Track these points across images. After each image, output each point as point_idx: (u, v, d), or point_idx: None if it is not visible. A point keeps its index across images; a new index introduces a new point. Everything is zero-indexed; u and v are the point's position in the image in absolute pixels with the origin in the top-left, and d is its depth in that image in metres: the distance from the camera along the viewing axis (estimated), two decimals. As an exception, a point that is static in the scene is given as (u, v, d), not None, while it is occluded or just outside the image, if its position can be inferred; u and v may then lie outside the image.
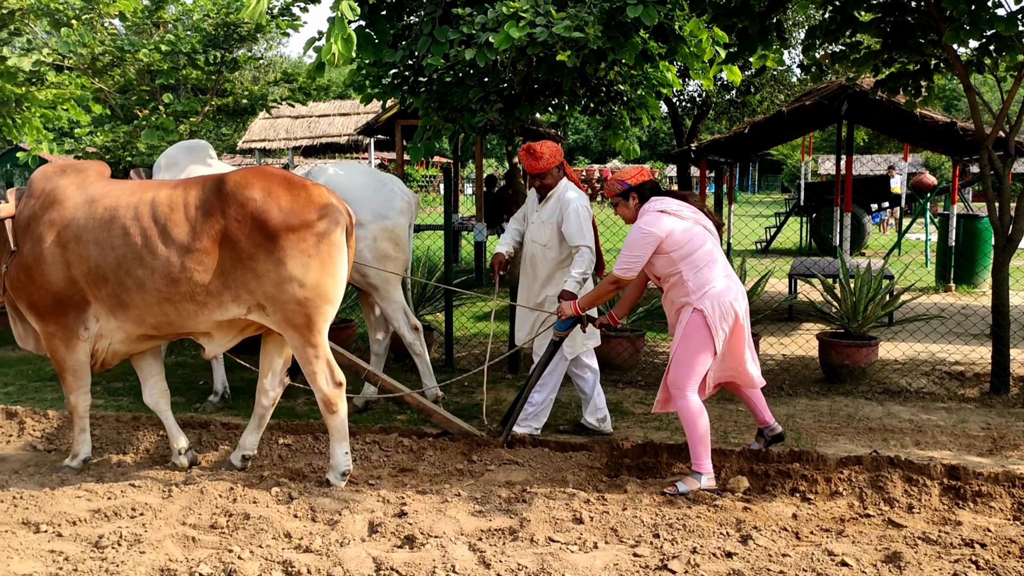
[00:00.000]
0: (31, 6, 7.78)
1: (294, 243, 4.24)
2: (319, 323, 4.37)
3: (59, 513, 3.93)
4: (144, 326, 4.48)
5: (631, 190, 4.52)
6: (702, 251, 4.30)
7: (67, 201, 4.47)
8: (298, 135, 19.04)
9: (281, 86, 9.69)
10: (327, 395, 4.40)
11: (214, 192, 4.33)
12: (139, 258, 4.31)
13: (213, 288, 4.31)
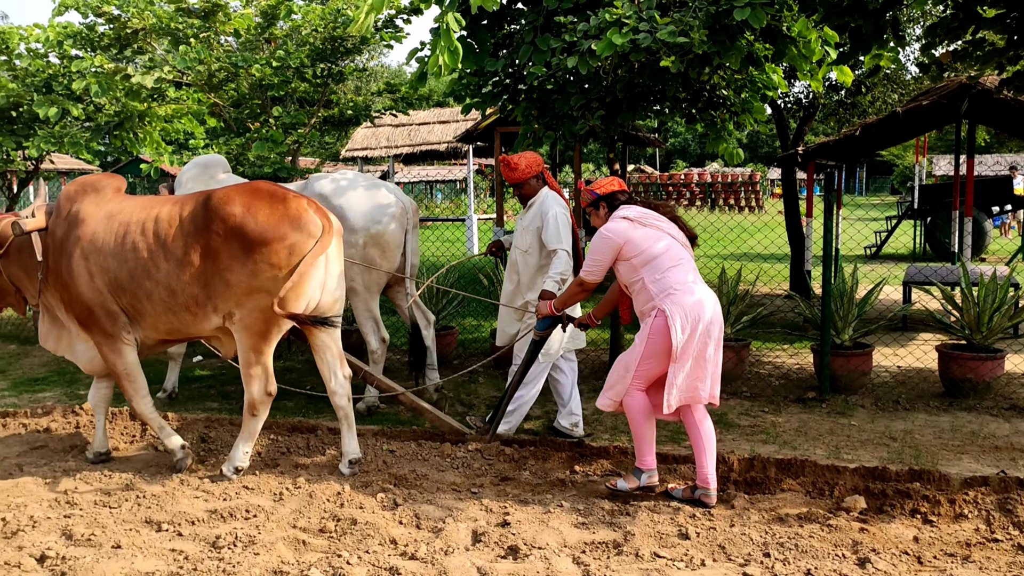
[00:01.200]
0: (153, 26, 8.16)
1: (266, 256, 4.45)
2: (272, 333, 4.59)
3: (179, 513, 4.09)
4: (159, 332, 4.80)
5: (600, 199, 4.61)
6: (663, 258, 4.32)
7: (89, 219, 4.80)
8: (399, 143, 19.42)
9: (384, 96, 9.90)
10: (255, 399, 4.63)
11: (202, 208, 4.59)
12: (147, 271, 4.62)
13: (201, 299, 4.56)
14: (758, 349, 7.78)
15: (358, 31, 5.42)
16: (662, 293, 4.26)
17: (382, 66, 50.05)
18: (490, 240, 8.05)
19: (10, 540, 3.78)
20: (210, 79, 8.49)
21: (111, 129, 9.47)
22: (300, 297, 4.55)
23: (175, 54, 8.17)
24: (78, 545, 3.73)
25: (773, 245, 11.10)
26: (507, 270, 5.60)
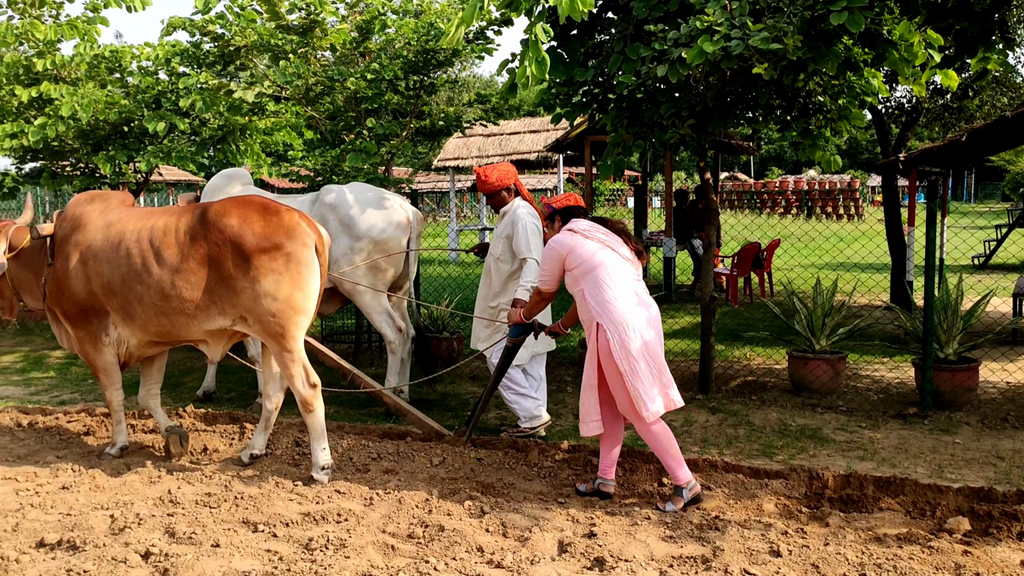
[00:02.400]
0: (254, 43, 8.47)
1: (266, 263, 4.80)
2: (292, 331, 4.90)
3: (274, 514, 4.22)
4: (149, 333, 5.14)
5: (556, 213, 4.82)
6: (601, 269, 4.44)
7: (90, 225, 5.20)
8: (489, 152, 19.60)
9: (475, 107, 10.01)
10: (304, 396, 4.90)
11: (199, 220, 4.95)
12: (138, 276, 4.96)
13: (201, 303, 4.91)
14: (855, 362, 7.54)
15: (449, 44, 5.51)
16: (599, 306, 4.40)
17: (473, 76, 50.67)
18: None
19: (117, 536, 3.96)
20: (307, 93, 8.74)
21: (215, 142, 9.87)
22: (307, 296, 4.91)
23: (275, 69, 8.45)
24: (180, 543, 3.88)
25: (872, 255, 10.73)
26: (482, 276, 5.88)
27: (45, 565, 3.64)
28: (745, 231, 14.20)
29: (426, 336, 6.97)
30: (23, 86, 9.07)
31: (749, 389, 6.76)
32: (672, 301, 11.48)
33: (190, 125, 9.16)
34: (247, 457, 5.17)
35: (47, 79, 9.15)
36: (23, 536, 3.95)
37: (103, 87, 9.48)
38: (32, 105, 9.22)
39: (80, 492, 4.61)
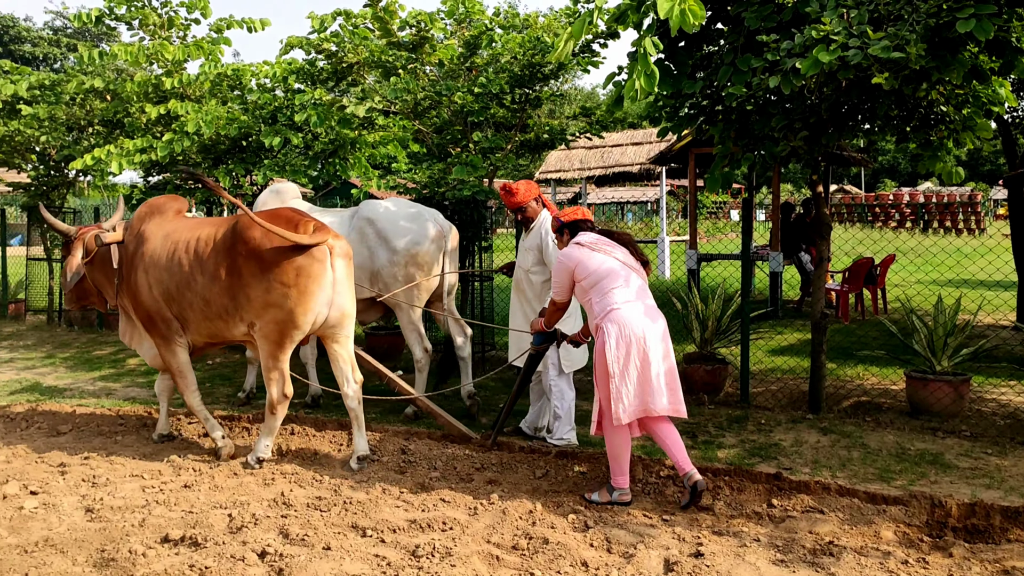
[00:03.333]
0: (366, 60, 8.72)
1: (277, 275, 5.10)
2: (286, 343, 5.22)
3: (381, 520, 4.31)
4: (202, 335, 5.56)
5: (564, 226, 5.02)
6: (607, 280, 4.66)
7: (152, 237, 5.64)
8: (591, 165, 19.56)
9: (579, 119, 10.02)
10: (274, 400, 5.28)
11: (231, 231, 5.31)
12: (188, 283, 5.38)
13: (230, 309, 5.27)
14: (980, 385, 7.17)
15: (558, 58, 5.55)
16: (603, 312, 4.61)
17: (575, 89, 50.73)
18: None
19: (235, 535, 4.12)
20: (415, 107, 8.93)
21: (326, 156, 10.18)
22: (308, 312, 5.16)
23: (385, 85, 8.67)
24: (293, 544, 4.01)
25: (999, 272, 10.19)
26: (513, 288, 6.07)
27: (169, 560, 3.82)
28: (860, 246, 13.71)
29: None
30: (152, 104, 9.59)
31: (863, 410, 6.52)
32: (779, 317, 11.19)
33: (303, 139, 9.48)
34: (355, 464, 5.33)
35: (174, 97, 9.64)
36: (149, 531, 4.15)
37: (224, 104, 9.92)
38: (159, 121, 9.74)
39: (201, 491, 4.82)
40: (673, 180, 24.31)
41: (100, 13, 10.01)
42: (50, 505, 4.57)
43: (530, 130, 9.40)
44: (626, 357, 4.49)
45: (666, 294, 8.92)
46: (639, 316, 4.56)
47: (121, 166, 8.96)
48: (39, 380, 8.35)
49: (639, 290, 4.69)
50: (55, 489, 4.86)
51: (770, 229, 11.96)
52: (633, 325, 4.51)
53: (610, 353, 4.50)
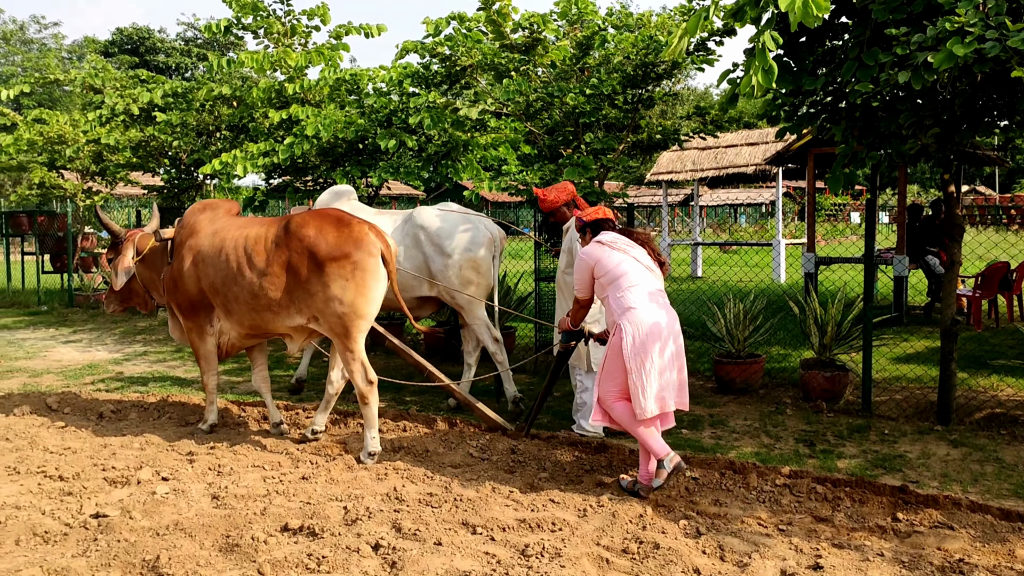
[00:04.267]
0: (479, 62, 8.82)
1: (335, 270, 5.44)
2: (354, 333, 5.53)
3: (491, 518, 4.33)
4: (244, 327, 5.93)
5: (587, 226, 5.16)
6: (625, 278, 4.81)
7: (201, 232, 6.04)
8: (704, 166, 19.21)
9: (692, 119, 9.85)
10: (362, 390, 5.55)
11: (283, 230, 5.65)
12: (235, 278, 5.72)
13: (283, 302, 5.63)
14: None
15: (671, 56, 5.46)
16: (620, 309, 4.77)
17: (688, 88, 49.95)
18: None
19: (350, 527, 4.23)
20: (527, 109, 8.97)
21: (439, 158, 10.35)
22: (368, 303, 5.52)
23: (497, 87, 8.74)
24: (405, 538, 4.08)
25: None
26: (556, 290, 6.35)
27: (289, 548, 3.95)
28: (995, 249, 12.97)
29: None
30: (275, 109, 9.97)
31: (997, 422, 6.15)
32: (903, 323, 10.69)
33: (417, 142, 9.66)
34: (310, 433, 5.94)
35: (295, 102, 9.99)
36: (270, 520, 4.31)
37: (342, 108, 10.22)
38: (281, 126, 10.10)
39: (318, 483, 4.97)
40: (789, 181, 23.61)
41: (228, 23, 10.48)
42: (180, 491, 4.80)
43: (642, 131, 9.31)
44: (644, 355, 4.63)
45: (782, 298, 8.67)
46: (654, 315, 4.71)
47: (246, 169, 9.35)
48: (169, 372, 8.81)
49: (654, 289, 4.85)
50: (184, 476, 5.10)
51: (895, 232, 11.45)
52: (649, 324, 4.67)
53: (628, 350, 4.66)
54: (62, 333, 11.81)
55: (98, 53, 44.85)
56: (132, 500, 4.61)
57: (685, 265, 20.77)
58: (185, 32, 53.26)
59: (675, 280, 17.12)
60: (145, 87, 11.91)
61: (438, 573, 3.68)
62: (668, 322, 4.75)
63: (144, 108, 11.67)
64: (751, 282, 10.71)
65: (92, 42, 50.68)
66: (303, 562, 3.78)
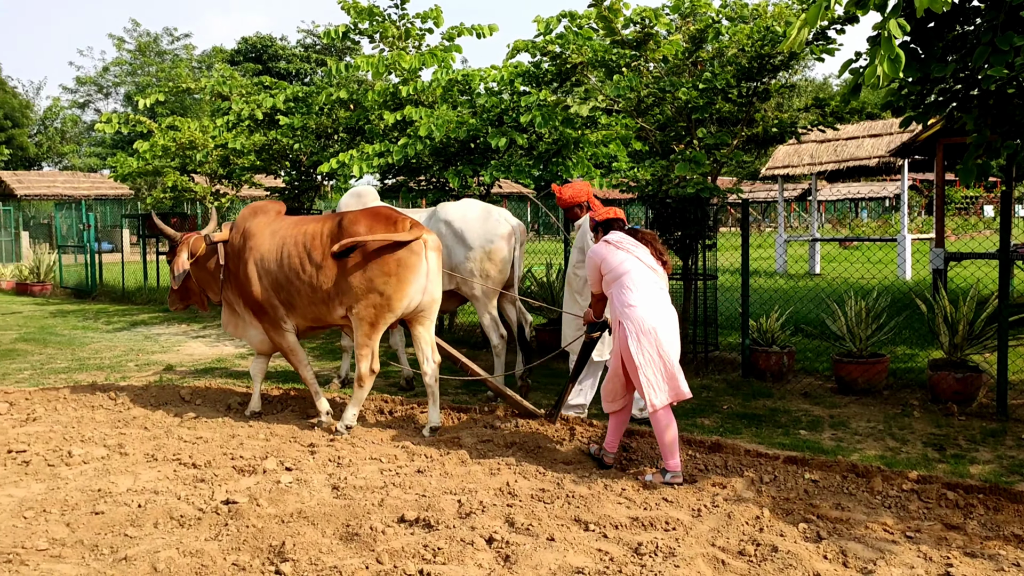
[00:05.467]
0: (590, 59, 8.79)
1: (379, 264, 5.81)
2: (380, 324, 5.96)
3: (604, 516, 4.33)
4: (307, 319, 6.31)
5: (598, 225, 5.50)
6: (627, 277, 5.10)
7: (259, 234, 6.39)
8: (823, 159, 18.58)
9: (811, 111, 9.53)
10: (363, 374, 6.03)
11: (337, 226, 6.02)
12: (297, 273, 6.10)
13: (332, 294, 5.99)
14: None
15: (790, 47, 5.30)
16: (621, 307, 5.07)
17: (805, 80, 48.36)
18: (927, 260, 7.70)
19: (464, 520, 4.30)
20: (638, 105, 8.89)
21: (550, 156, 10.38)
22: (403, 298, 5.90)
23: (608, 83, 8.70)
24: (518, 533, 4.12)
25: None
26: (565, 282, 6.72)
27: (405, 539, 4.05)
28: None
29: (754, 350, 6.83)
30: (390, 111, 10.22)
31: None
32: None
33: (527, 140, 9.72)
34: (427, 432, 6.08)
35: (409, 103, 10.22)
36: (387, 511, 4.43)
37: (454, 108, 10.38)
38: (396, 127, 10.35)
39: (432, 477, 5.07)
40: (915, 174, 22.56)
41: (346, 29, 10.82)
42: (302, 481, 5.00)
43: (757, 124, 9.07)
44: (647, 349, 4.92)
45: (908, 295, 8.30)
46: (652, 311, 5.00)
47: (361, 169, 9.63)
48: (290, 367, 9.16)
49: (654, 287, 5.12)
50: (306, 467, 5.31)
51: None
52: (648, 320, 4.95)
53: (633, 346, 4.94)
54: (193, 329, 12.46)
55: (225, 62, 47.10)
56: (259, 488, 4.83)
57: (802, 262, 20.15)
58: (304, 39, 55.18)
59: (791, 277, 16.62)
60: (268, 93, 12.41)
61: (551, 568, 3.71)
62: (666, 318, 5.05)
63: (267, 113, 12.16)
64: (873, 279, 10.29)
65: (220, 52, 53.15)
66: (419, 552, 3.87)
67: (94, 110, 53.98)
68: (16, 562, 3.86)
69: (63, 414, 6.71)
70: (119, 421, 6.49)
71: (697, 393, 7.28)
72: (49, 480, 5.08)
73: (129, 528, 4.28)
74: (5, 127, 44.49)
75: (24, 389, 7.72)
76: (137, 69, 51.70)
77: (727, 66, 8.35)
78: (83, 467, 5.33)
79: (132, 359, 9.70)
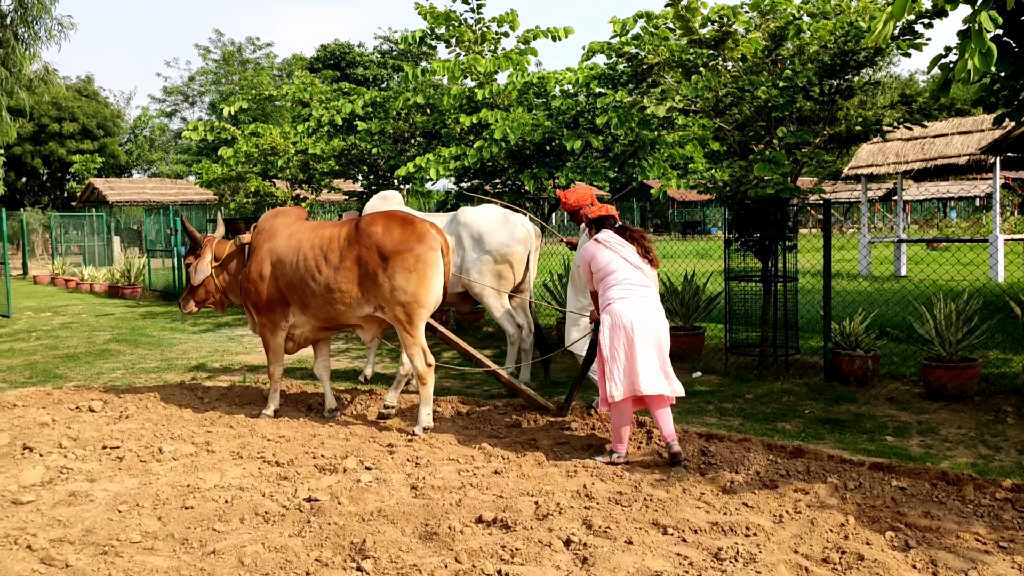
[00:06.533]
0: (666, 60, 8.71)
1: (399, 263, 6.11)
2: (416, 320, 6.22)
3: (682, 520, 4.28)
4: (319, 320, 6.57)
5: (591, 222, 5.81)
6: (612, 275, 5.43)
7: (278, 236, 6.68)
8: (909, 158, 17.98)
9: (897, 108, 9.25)
10: (420, 372, 6.23)
11: (354, 229, 6.32)
12: (312, 275, 6.38)
13: (354, 294, 6.30)
14: None
15: (874, 42, 5.17)
16: (604, 303, 5.42)
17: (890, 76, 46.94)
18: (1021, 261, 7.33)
19: (542, 522, 4.31)
20: (716, 105, 8.77)
21: (625, 158, 10.32)
22: (429, 293, 6.18)
23: (685, 84, 8.60)
24: (596, 535, 4.10)
25: None
26: (569, 281, 6.95)
27: (483, 539, 4.08)
28: None
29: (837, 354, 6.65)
30: (465, 114, 10.31)
31: None
32: None
33: (603, 142, 9.68)
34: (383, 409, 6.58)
35: (485, 107, 10.29)
36: (465, 511, 4.47)
37: (530, 111, 10.41)
38: (471, 130, 10.44)
39: (509, 478, 5.10)
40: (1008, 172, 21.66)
41: (423, 34, 10.95)
42: (381, 480, 5.08)
43: (840, 123, 8.84)
44: (616, 344, 5.21)
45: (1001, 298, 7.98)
46: (630, 308, 5.25)
47: (438, 172, 9.74)
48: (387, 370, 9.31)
49: (637, 285, 5.38)
50: (385, 466, 5.39)
51: None
52: (624, 316, 5.23)
53: (603, 340, 5.28)
54: (275, 330, 12.78)
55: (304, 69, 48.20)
56: (339, 487, 4.93)
57: (887, 264, 19.56)
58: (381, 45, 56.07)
59: (876, 280, 16.15)
60: (347, 99, 12.66)
61: (629, 571, 3.69)
62: (648, 315, 5.29)
63: (346, 118, 12.41)
64: (963, 281, 9.91)
65: (299, 59, 54.45)
66: (497, 553, 3.90)
67: (180, 118, 56.01)
68: (112, 553, 4.03)
69: (153, 412, 6.97)
70: (205, 419, 6.71)
71: (778, 397, 7.14)
72: (141, 475, 5.28)
73: (217, 523, 4.41)
74: (98, 136, 46.42)
75: (116, 387, 8.04)
76: (221, 78, 53.39)
77: (808, 63, 8.17)
78: (172, 463, 5.52)
79: (217, 360, 10.01)
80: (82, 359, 10.16)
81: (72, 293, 20.08)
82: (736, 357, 8.45)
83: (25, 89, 15.29)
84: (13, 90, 14.73)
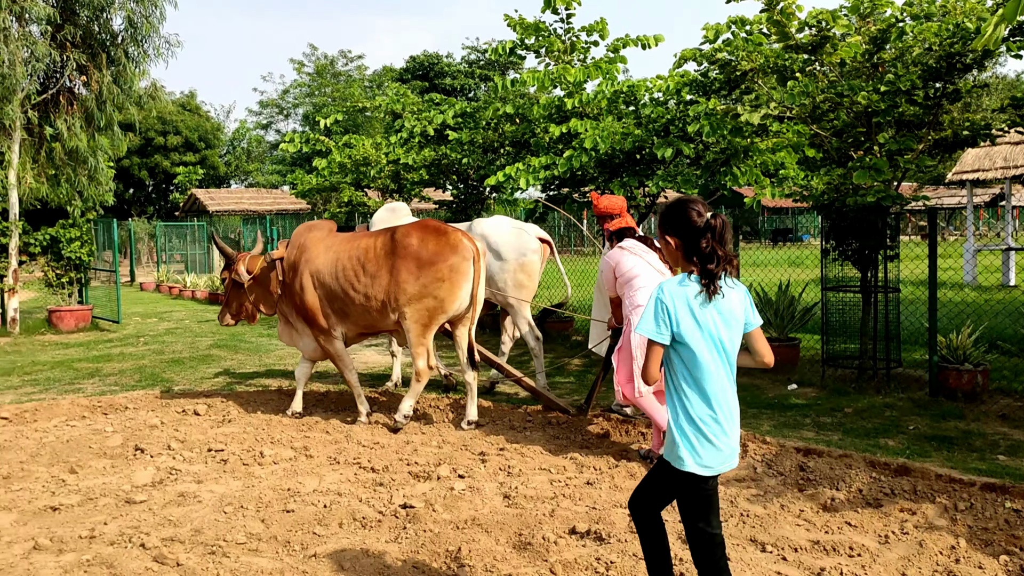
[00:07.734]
0: (761, 66, 8.55)
1: (433, 272, 6.42)
2: (433, 325, 6.57)
3: (781, 537, 4.18)
4: (359, 327, 6.90)
5: (612, 235, 6.08)
6: (636, 280, 5.66)
7: (314, 249, 6.95)
8: (1019, 162, 17.18)
9: (1008, 111, 8.85)
10: (420, 370, 6.63)
11: (390, 239, 6.64)
12: (351, 284, 6.69)
13: (387, 302, 6.57)
14: None
15: (984, 45, 4.96)
16: (631, 306, 5.64)
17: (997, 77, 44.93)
18: None
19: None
20: (813, 111, 8.56)
21: (718, 166, 10.16)
22: (455, 301, 6.52)
23: (780, 90, 8.42)
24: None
25: None
26: (595, 289, 6.95)
27: (577, 551, 4.07)
28: None
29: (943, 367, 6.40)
30: (555, 124, 10.32)
31: None
32: None
33: (694, 150, 9.55)
34: (465, 424, 6.71)
35: (574, 116, 10.29)
36: (558, 522, 4.46)
37: (619, 119, 10.36)
38: (561, 140, 10.44)
39: (602, 489, 5.07)
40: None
41: (512, 45, 11.03)
42: (474, 488, 5.12)
43: (944, 127, 8.51)
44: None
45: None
46: None
47: (528, 182, 9.77)
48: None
49: None
50: (478, 475, 5.43)
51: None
52: None
53: (634, 341, 5.42)
54: (367, 337, 13.03)
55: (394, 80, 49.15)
56: (433, 494, 4.99)
57: (996, 273, 18.71)
58: (468, 55, 56.73)
59: (983, 290, 15.46)
60: (438, 109, 12.84)
61: (728, 589, 3.61)
62: None
63: (437, 129, 12.58)
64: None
65: (389, 71, 55.55)
66: (592, 565, 3.88)
67: (275, 130, 57.78)
68: (219, 554, 4.17)
69: (254, 416, 7.19)
70: (303, 425, 6.89)
71: (879, 412, 6.91)
72: (244, 478, 5.45)
73: (317, 527, 4.52)
74: (200, 148, 48.29)
75: (219, 391, 8.34)
76: (314, 91, 54.87)
77: (911, 66, 7.89)
78: (273, 467, 5.69)
79: (313, 365, 10.27)
80: (186, 364, 10.57)
81: (175, 300, 20.93)
82: (833, 370, 8.21)
83: (135, 105, 15.99)
84: (124, 106, 15.43)
